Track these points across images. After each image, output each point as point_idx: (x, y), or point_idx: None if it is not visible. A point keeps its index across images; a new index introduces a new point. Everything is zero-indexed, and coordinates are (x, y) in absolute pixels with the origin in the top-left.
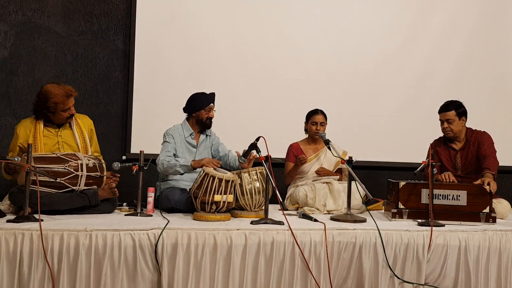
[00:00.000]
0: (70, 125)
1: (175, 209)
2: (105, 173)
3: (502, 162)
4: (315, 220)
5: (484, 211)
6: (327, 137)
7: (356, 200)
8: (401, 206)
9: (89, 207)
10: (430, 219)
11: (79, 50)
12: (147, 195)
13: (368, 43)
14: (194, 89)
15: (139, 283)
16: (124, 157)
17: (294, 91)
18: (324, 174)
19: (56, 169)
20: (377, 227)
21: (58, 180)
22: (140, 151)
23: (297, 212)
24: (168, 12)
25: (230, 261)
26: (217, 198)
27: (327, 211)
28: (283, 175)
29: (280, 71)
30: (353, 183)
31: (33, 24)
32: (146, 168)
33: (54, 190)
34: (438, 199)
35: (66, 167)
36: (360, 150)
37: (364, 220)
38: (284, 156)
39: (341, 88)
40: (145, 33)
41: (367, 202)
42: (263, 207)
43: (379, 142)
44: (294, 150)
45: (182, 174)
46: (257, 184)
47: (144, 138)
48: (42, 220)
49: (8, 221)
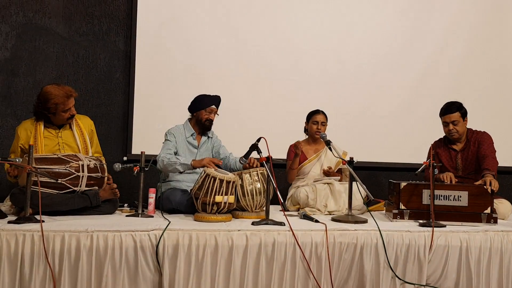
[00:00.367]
0: (70, 126)
1: (176, 210)
2: (106, 174)
3: (503, 163)
4: (316, 221)
5: (486, 211)
6: (327, 137)
7: (357, 200)
8: (402, 206)
9: (90, 208)
10: (431, 220)
11: (80, 51)
12: (148, 196)
13: (368, 43)
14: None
15: (140, 284)
16: (125, 158)
17: (295, 91)
18: (332, 172)
19: (57, 170)
20: (378, 228)
21: (59, 181)
22: (141, 152)
23: (298, 213)
24: (169, 13)
25: (231, 262)
26: (218, 199)
27: (328, 212)
28: (284, 176)
29: (281, 71)
30: (354, 183)
31: (34, 25)
32: (147, 169)
33: (55, 191)
34: (439, 199)
35: (67, 168)
36: (361, 150)
37: (365, 221)
38: (285, 157)
39: (342, 88)
40: (146, 34)
41: (368, 202)
42: (264, 208)
43: (380, 143)
44: (294, 150)
45: (181, 173)
46: (258, 185)
47: (145, 139)
48: (43, 221)
49: (9, 222)
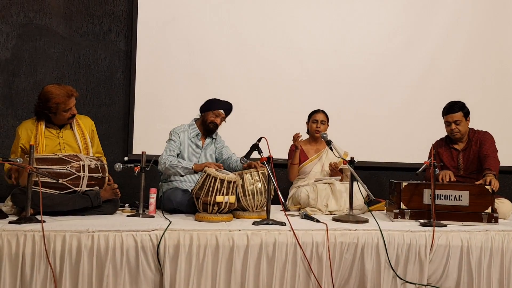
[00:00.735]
0: (71, 126)
1: (177, 210)
2: (107, 174)
3: (504, 162)
4: (317, 221)
5: (486, 211)
6: (328, 137)
7: (358, 200)
8: (403, 206)
9: (91, 208)
10: (432, 220)
11: (81, 52)
12: (149, 196)
13: (369, 43)
14: (195, 90)
15: (141, 284)
16: (126, 158)
17: (296, 91)
18: (335, 169)
19: (58, 170)
20: (379, 227)
21: (60, 181)
22: (142, 152)
23: (299, 213)
24: (170, 13)
25: (232, 262)
26: (219, 199)
27: (329, 211)
28: (285, 176)
29: (282, 72)
30: (355, 183)
31: (35, 25)
32: (148, 169)
33: (56, 191)
34: (440, 199)
35: (68, 168)
36: (362, 150)
37: (366, 221)
38: (286, 157)
39: (343, 88)
40: (146, 34)
41: (369, 202)
42: (265, 208)
43: (381, 143)
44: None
45: (182, 176)
46: (259, 185)
47: (146, 139)
48: (44, 221)
49: (10, 222)
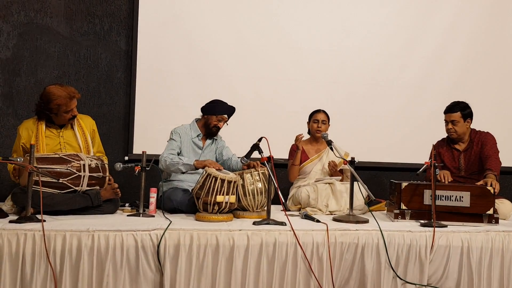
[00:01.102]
0: (72, 125)
1: (178, 209)
2: (107, 173)
3: (506, 163)
4: (318, 221)
5: (488, 212)
6: (329, 137)
7: (359, 200)
8: (403, 207)
9: (91, 207)
10: (432, 220)
11: (82, 51)
12: (150, 196)
13: (370, 43)
14: (196, 89)
15: (141, 284)
16: (126, 157)
17: (297, 91)
18: (335, 167)
19: (58, 169)
20: (379, 228)
21: (60, 180)
22: (143, 152)
23: (299, 213)
24: (171, 13)
25: (232, 262)
26: (219, 198)
27: (330, 211)
28: (285, 176)
29: (283, 71)
30: (355, 183)
31: (35, 24)
32: (148, 168)
33: (56, 191)
34: (441, 200)
35: (69, 168)
36: (363, 150)
37: (366, 221)
38: (286, 157)
39: (343, 88)
40: (147, 33)
41: (369, 202)
42: (265, 208)
43: (381, 143)
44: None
45: (183, 173)
46: (259, 185)
47: (147, 138)
48: (45, 221)
49: (10, 221)
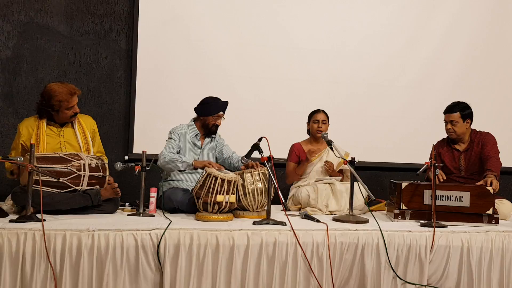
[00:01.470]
0: (72, 124)
1: (178, 209)
2: (107, 173)
3: (505, 163)
4: (318, 221)
5: (487, 212)
6: (329, 137)
7: (359, 200)
8: (403, 207)
9: (91, 207)
10: (432, 220)
11: (82, 50)
12: (150, 195)
13: (371, 44)
14: (196, 89)
15: (141, 284)
16: (126, 157)
17: (297, 91)
18: (331, 168)
19: (58, 169)
20: (379, 228)
21: (60, 180)
22: (143, 152)
23: (299, 213)
24: (171, 13)
25: (232, 261)
26: (219, 198)
27: (330, 211)
28: (285, 176)
29: (283, 71)
30: (355, 183)
31: (36, 24)
32: (148, 168)
33: (56, 190)
34: (441, 200)
35: (69, 167)
36: (363, 150)
37: (366, 221)
38: (286, 157)
39: (343, 88)
40: (147, 33)
41: (369, 202)
42: (266, 208)
43: (381, 143)
44: (296, 150)
45: (181, 172)
46: (259, 185)
47: (147, 138)
48: (45, 220)
49: (10, 221)
